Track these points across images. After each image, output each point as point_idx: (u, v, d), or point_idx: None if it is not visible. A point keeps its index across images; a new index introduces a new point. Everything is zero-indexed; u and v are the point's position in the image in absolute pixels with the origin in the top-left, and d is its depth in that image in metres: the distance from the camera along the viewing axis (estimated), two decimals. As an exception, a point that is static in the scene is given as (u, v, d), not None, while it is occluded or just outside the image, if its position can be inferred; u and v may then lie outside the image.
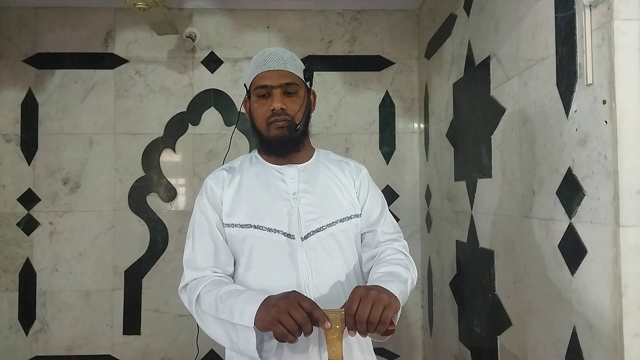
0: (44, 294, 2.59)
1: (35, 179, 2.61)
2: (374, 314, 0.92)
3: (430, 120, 2.53)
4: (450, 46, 2.17)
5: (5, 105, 2.61)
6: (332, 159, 1.30)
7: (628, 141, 1.03)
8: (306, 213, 1.16)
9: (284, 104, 1.16)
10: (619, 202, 1.02)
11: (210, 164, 2.66)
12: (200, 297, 1.08)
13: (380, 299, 0.94)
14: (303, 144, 1.23)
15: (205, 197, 1.20)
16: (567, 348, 1.23)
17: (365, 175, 1.28)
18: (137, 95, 2.66)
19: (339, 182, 1.23)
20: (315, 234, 1.15)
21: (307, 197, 1.19)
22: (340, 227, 1.18)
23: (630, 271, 1.02)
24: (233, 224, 1.16)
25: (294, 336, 0.92)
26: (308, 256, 1.14)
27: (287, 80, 1.17)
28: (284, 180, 1.20)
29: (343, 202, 1.21)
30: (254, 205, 1.17)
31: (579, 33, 1.16)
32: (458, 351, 2.09)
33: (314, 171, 1.24)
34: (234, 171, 1.24)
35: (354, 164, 1.30)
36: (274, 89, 1.16)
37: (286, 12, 2.72)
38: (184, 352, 2.62)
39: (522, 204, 1.48)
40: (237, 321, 0.98)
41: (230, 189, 1.20)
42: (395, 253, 1.19)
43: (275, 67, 1.17)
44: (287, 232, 1.15)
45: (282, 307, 0.92)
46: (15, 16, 2.62)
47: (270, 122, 1.16)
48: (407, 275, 1.12)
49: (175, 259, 2.64)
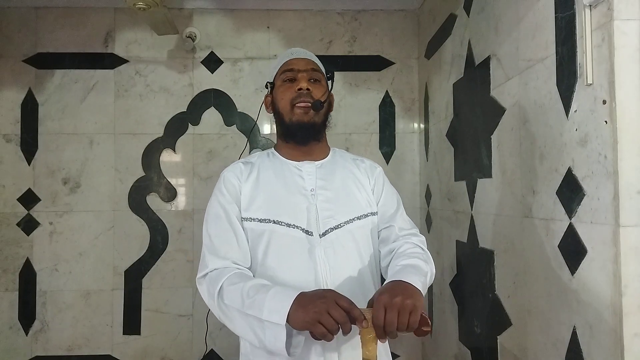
0: (44, 294, 2.59)
1: (35, 179, 2.61)
2: (402, 322, 0.92)
3: (430, 120, 2.53)
4: (450, 46, 2.17)
5: (5, 105, 2.61)
6: (348, 158, 1.32)
7: (628, 141, 1.03)
8: (324, 210, 1.17)
9: (310, 86, 1.19)
10: (619, 202, 1.02)
11: (210, 164, 2.66)
12: (223, 289, 1.06)
13: (405, 306, 0.93)
14: (322, 137, 1.25)
15: (224, 189, 1.19)
16: (567, 348, 1.23)
17: (380, 173, 1.30)
18: (137, 95, 2.66)
19: (355, 180, 1.25)
20: (333, 231, 1.15)
21: (325, 193, 1.19)
22: (358, 224, 1.19)
23: (630, 271, 1.02)
24: (251, 218, 1.16)
25: (333, 335, 0.92)
26: (326, 253, 1.14)
27: (314, 67, 1.22)
28: (302, 176, 1.21)
29: (360, 199, 1.22)
30: (272, 200, 1.17)
31: (579, 33, 1.16)
32: (458, 351, 2.09)
33: (331, 168, 1.25)
34: (252, 165, 1.25)
35: (369, 162, 1.32)
36: (300, 73, 1.19)
37: (286, 12, 2.72)
38: (184, 352, 2.62)
39: (522, 204, 1.48)
40: (266, 318, 0.96)
41: (248, 183, 1.20)
42: (413, 247, 1.19)
43: (302, 56, 1.24)
44: (305, 228, 1.14)
45: (322, 307, 0.92)
46: (15, 16, 2.62)
47: (295, 103, 1.18)
48: (427, 269, 1.12)
49: (175, 259, 2.64)
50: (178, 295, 2.63)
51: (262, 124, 2.71)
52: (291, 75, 1.20)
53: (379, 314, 0.93)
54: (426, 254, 1.19)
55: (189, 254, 2.65)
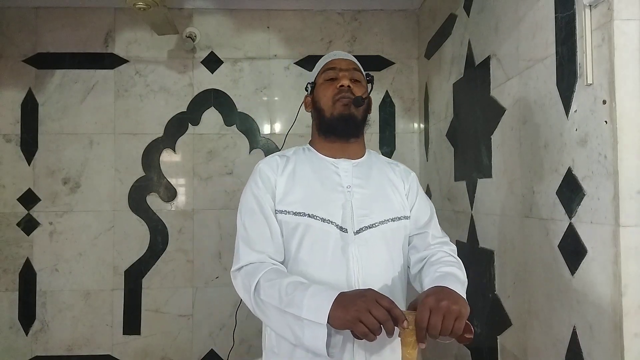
0: (44, 294, 2.59)
1: (35, 179, 2.61)
2: (446, 327, 0.91)
3: (430, 120, 2.53)
4: (450, 46, 2.17)
5: (5, 105, 2.61)
6: (383, 160, 1.32)
7: (628, 141, 1.03)
8: (359, 208, 1.16)
9: (352, 84, 1.20)
10: (619, 202, 1.02)
11: (210, 164, 2.66)
12: (260, 285, 1.05)
13: (451, 311, 0.92)
14: (361, 134, 1.26)
15: (259, 181, 1.18)
16: (567, 348, 1.22)
17: (414, 179, 1.29)
18: (137, 95, 2.66)
19: (390, 182, 1.24)
20: (367, 230, 1.15)
21: (361, 191, 1.18)
22: (391, 226, 1.18)
23: (630, 271, 1.02)
24: (286, 211, 1.14)
25: (375, 335, 0.91)
26: (359, 251, 1.13)
27: (356, 67, 1.24)
28: (338, 173, 1.20)
29: (394, 201, 1.21)
30: (308, 194, 1.16)
31: (579, 33, 1.16)
32: (458, 351, 2.09)
33: (367, 167, 1.24)
34: (287, 159, 1.24)
35: (403, 167, 1.32)
36: (342, 71, 1.21)
37: (286, 12, 2.72)
38: (184, 352, 2.62)
39: (522, 204, 1.48)
40: (306, 316, 0.96)
41: (284, 176, 1.19)
42: (447, 256, 1.18)
43: (345, 57, 1.27)
44: (340, 224, 1.14)
45: (362, 306, 0.91)
46: (15, 16, 2.62)
47: (337, 99, 1.18)
48: (465, 279, 1.12)
49: (175, 259, 2.64)
50: (178, 295, 2.63)
51: (262, 124, 2.71)
52: (333, 74, 1.21)
53: (423, 315, 0.91)
54: (460, 263, 1.19)
55: (189, 254, 2.65)
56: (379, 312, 0.90)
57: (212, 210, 2.66)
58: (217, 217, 2.65)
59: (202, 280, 2.64)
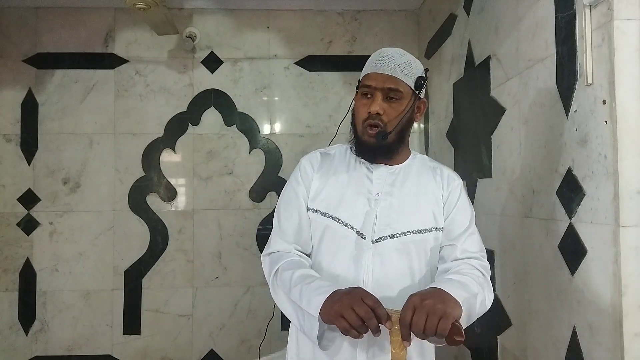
0: (44, 294, 2.59)
1: (35, 179, 2.61)
2: (430, 325, 0.89)
3: (430, 120, 2.53)
4: (450, 46, 2.17)
5: (5, 105, 2.61)
6: (428, 165, 1.25)
7: (628, 141, 1.03)
8: (384, 217, 1.14)
9: (383, 108, 1.14)
10: (619, 202, 1.02)
11: (210, 164, 2.66)
12: (279, 272, 1.12)
13: (435, 310, 0.89)
14: (396, 152, 1.20)
15: (299, 175, 1.23)
16: (567, 348, 1.22)
17: (458, 187, 1.20)
18: (137, 95, 2.66)
19: (426, 191, 1.19)
20: (387, 240, 1.12)
21: (389, 200, 1.16)
22: (415, 238, 1.14)
23: (630, 271, 1.02)
24: (314, 209, 1.18)
25: (358, 332, 0.92)
26: (373, 261, 1.12)
27: (391, 85, 1.14)
28: (371, 179, 1.19)
29: (425, 213, 1.16)
30: (335, 196, 1.18)
31: (579, 33, 1.16)
32: (458, 351, 2.09)
33: (404, 176, 1.21)
34: (328, 157, 1.26)
35: (447, 173, 1.23)
36: (377, 91, 1.14)
37: (286, 12, 2.72)
38: (184, 352, 2.62)
39: (522, 204, 1.48)
40: (305, 307, 1.02)
41: (320, 174, 1.22)
42: (471, 269, 1.11)
43: (384, 70, 1.15)
44: (359, 230, 1.13)
45: (346, 302, 0.93)
46: (15, 16, 2.62)
47: (366, 125, 1.16)
48: (478, 291, 1.05)
49: (175, 259, 2.64)
50: (178, 295, 2.63)
51: (262, 124, 2.71)
52: (368, 91, 1.16)
53: (406, 314, 0.90)
54: (485, 280, 1.11)
55: (189, 254, 2.65)
56: (362, 309, 0.91)
57: (212, 210, 2.66)
58: (217, 217, 2.65)
59: (202, 280, 2.64)
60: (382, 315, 0.93)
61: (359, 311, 0.91)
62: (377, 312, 0.92)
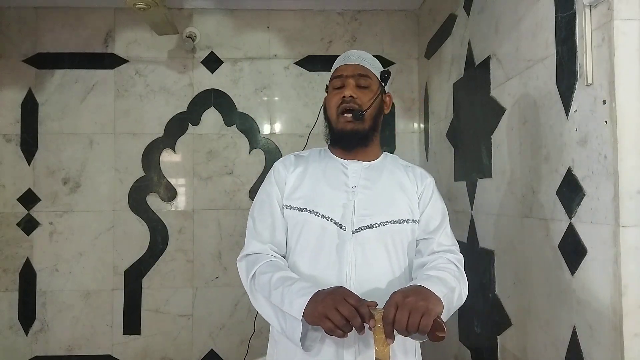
0: (44, 294, 2.59)
1: (35, 179, 2.61)
2: (412, 322, 0.90)
3: (430, 120, 2.53)
4: (450, 46, 2.17)
5: (5, 105, 2.61)
6: (400, 164, 1.31)
7: (628, 141, 1.03)
8: (361, 208, 1.17)
9: (355, 93, 1.20)
10: (619, 202, 1.02)
11: (210, 164, 2.66)
12: (256, 275, 1.12)
13: (417, 307, 0.91)
14: (371, 141, 1.26)
15: (272, 176, 1.26)
16: (567, 348, 1.23)
17: (430, 184, 1.27)
18: (137, 95, 2.66)
19: (401, 185, 1.23)
20: (366, 230, 1.15)
21: (366, 192, 1.19)
22: (393, 228, 1.17)
23: (630, 271, 1.02)
24: (291, 206, 1.20)
25: (343, 331, 0.94)
26: (355, 250, 1.14)
27: (361, 72, 1.21)
28: (347, 173, 1.23)
29: (401, 204, 1.20)
30: (313, 191, 1.20)
31: (579, 33, 1.16)
32: (458, 351, 2.09)
33: (377, 170, 1.25)
34: (302, 159, 1.29)
35: (420, 171, 1.29)
36: (348, 79, 1.21)
37: (286, 12, 2.72)
38: (184, 352, 2.62)
39: (522, 204, 1.48)
40: (287, 310, 1.02)
41: (295, 173, 1.24)
42: (447, 263, 1.15)
43: (352, 61, 1.23)
44: (339, 222, 1.16)
45: (329, 303, 0.94)
46: (15, 16, 2.62)
47: (340, 111, 1.20)
48: (455, 285, 1.09)
49: (175, 259, 2.64)
50: (178, 295, 2.63)
51: (262, 124, 2.71)
52: (339, 82, 1.22)
53: (389, 311, 0.92)
54: (460, 273, 1.16)
55: (189, 254, 2.65)
56: (345, 309, 0.93)
57: (212, 210, 2.66)
58: (217, 217, 2.65)
59: (202, 280, 2.64)
60: (365, 314, 0.94)
61: (343, 311, 0.93)
62: (360, 311, 0.94)
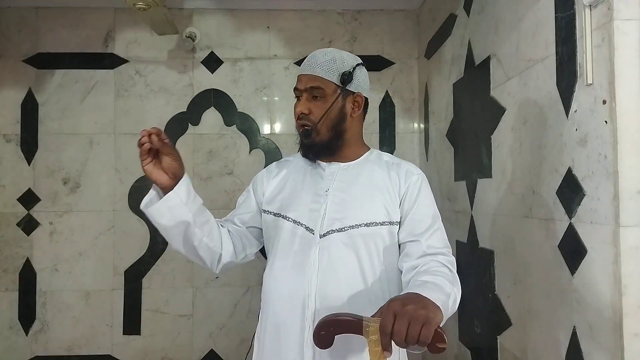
0: (44, 294, 2.59)
1: (35, 179, 2.61)
2: (412, 334, 0.81)
3: (430, 120, 2.53)
4: (450, 46, 2.17)
5: (5, 105, 2.61)
6: (384, 161, 1.24)
7: (628, 141, 1.03)
8: (332, 211, 1.15)
9: (308, 108, 1.18)
10: (619, 202, 1.02)
11: (210, 164, 2.66)
12: None
13: (417, 317, 0.82)
14: (342, 146, 1.21)
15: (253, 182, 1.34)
16: (567, 348, 1.23)
17: (417, 181, 1.18)
18: (137, 95, 2.66)
19: (380, 185, 1.18)
20: (334, 234, 1.13)
21: (338, 195, 1.17)
22: (363, 231, 1.12)
23: (630, 271, 1.02)
24: (269, 211, 1.23)
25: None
26: (320, 255, 1.12)
27: (313, 84, 1.17)
28: (323, 176, 1.22)
29: (376, 206, 1.15)
30: (289, 196, 1.22)
31: (579, 33, 1.16)
32: (458, 351, 2.09)
33: (355, 171, 1.21)
34: (286, 163, 1.32)
35: (406, 168, 1.21)
36: (303, 92, 1.20)
37: (286, 12, 2.72)
38: (184, 352, 2.62)
39: (522, 204, 1.48)
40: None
41: (275, 180, 1.27)
42: (440, 266, 1.07)
43: (306, 71, 1.21)
44: (308, 226, 1.16)
45: None
46: (15, 16, 2.62)
47: (297, 126, 1.22)
48: (450, 291, 1.00)
49: (175, 259, 2.64)
50: (178, 295, 2.63)
51: (262, 124, 2.71)
52: (297, 94, 1.23)
53: (387, 321, 0.83)
54: (453, 276, 1.07)
55: (189, 254, 2.64)
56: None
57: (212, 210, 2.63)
58: (217, 217, 2.65)
59: (202, 280, 2.64)
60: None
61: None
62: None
